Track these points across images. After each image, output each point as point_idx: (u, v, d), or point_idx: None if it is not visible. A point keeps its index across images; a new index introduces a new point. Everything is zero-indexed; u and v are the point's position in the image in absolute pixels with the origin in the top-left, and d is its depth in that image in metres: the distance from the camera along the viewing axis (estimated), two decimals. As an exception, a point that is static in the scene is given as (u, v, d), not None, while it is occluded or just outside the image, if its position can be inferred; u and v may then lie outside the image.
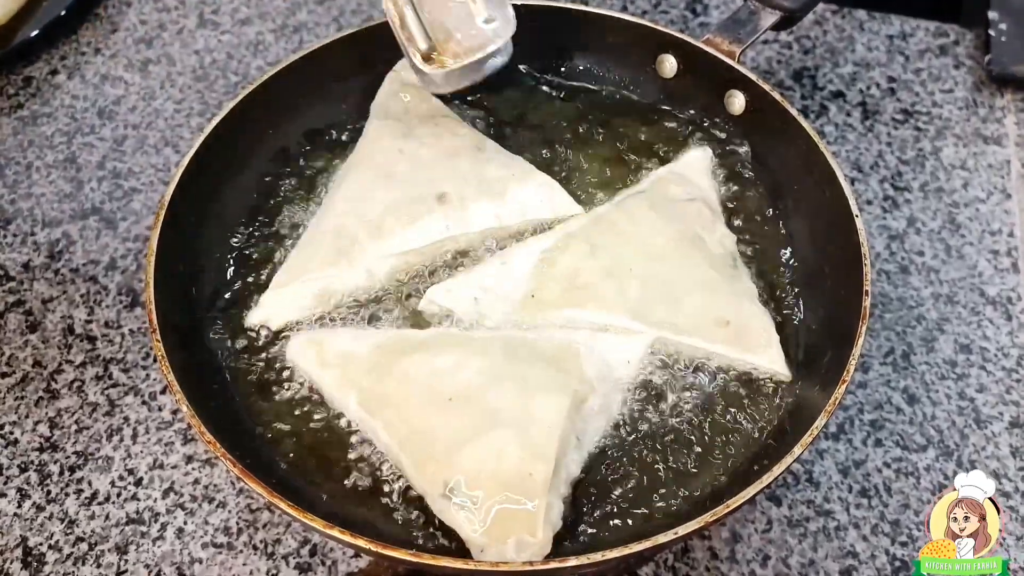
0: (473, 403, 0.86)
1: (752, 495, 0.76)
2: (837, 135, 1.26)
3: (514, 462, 0.82)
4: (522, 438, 0.83)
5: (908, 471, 0.99)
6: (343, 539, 0.73)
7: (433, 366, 0.89)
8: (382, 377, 0.89)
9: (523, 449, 0.82)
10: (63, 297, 1.10)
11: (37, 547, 0.93)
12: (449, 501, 0.82)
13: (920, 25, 1.38)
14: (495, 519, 0.80)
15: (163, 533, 0.94)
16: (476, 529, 0.80)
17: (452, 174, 1.02)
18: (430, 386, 0.87)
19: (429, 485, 0.84)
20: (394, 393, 0.88)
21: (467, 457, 0.83)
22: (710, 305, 0.95)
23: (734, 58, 1.05)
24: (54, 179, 1.21)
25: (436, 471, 0.83)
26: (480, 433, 0.84)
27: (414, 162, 1.03)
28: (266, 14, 1.39)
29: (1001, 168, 1.23)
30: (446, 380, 0.87)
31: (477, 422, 0.85)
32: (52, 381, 1.04)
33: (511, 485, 0.81)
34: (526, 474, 0.81)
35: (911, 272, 1.13)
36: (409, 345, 0.92)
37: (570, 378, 0.88)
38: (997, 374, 1.06)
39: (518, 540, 0.79)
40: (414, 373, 0.89)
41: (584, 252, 0.97)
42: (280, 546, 0.93)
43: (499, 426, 0.84)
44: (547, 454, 0.82)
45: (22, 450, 1.00)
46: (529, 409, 0.85)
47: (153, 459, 0.99)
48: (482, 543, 0.80)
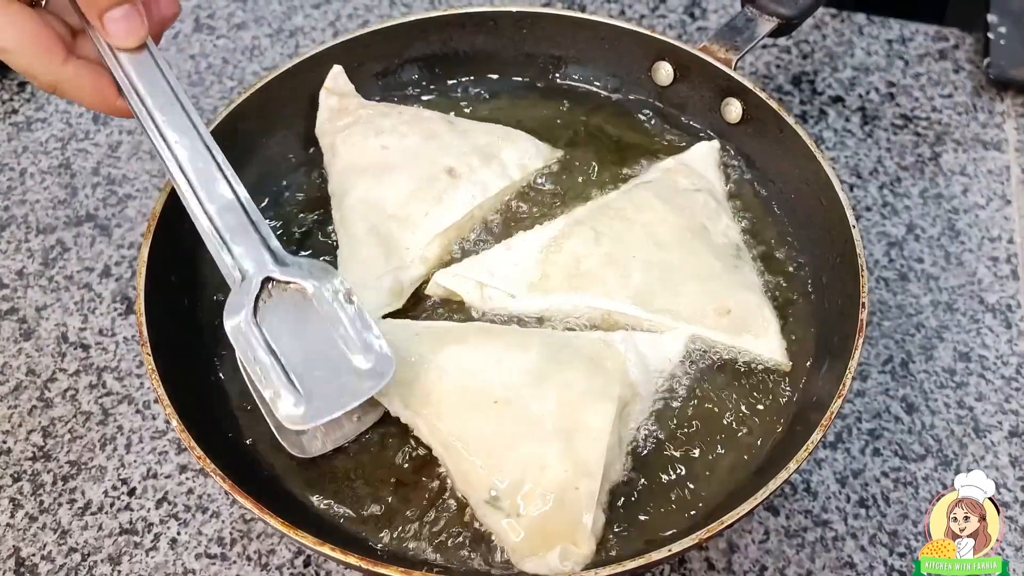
0: (517, 408, 0.84)
1: (749, 510, 0.76)
2: (836, 140, 1.25)
3: (560, 474, 0.81)
4: (568, 449, 0.82)
5: (907, 480, 0.98)
6: (333, 556, 0.72)
7: (474, 363, 0.87)
8: (422, 371, 0.88)
9: (569, 461, 0.81)
10: (57, 304, 1.10)
11: (30, 558, 0.93)
12: (493, 508, 0.82)
13: (919, 29, 1.37)
14: (539, 530, 0.80)
15: (156, 544, 0.94)
16: (519, 538, 0.80)
17: (448, 150, 1.03)
18: (472, 386, 0.86)
19: (473, 491, 0.83)
20: (435, 390, 0.87)
21: (512, 465, 0.82)
22: (711, 293, 0.95)
23: (731, 66, 1.04)
24: (48, 185, 1.20)
25: (481, 477, 0.83)
26: (524, 441, 0.83)
27: (404, 152, 1.03)
28: (262, 19, 1.38)
29: (1001, 174, 1.22)
30: (488, 380, 0.86)
31: (522, 429, 0.83)
32: (45, 389, 1.04)
33: (556, 497, 0.80)
34: (572, 487, 0.80)
35: (910, 279, 1.12)
36: (448, 337, 0.91)
37: (613, 382, 0.87)
38: (996, 383, 1.05)
39: (563, 550, 0.79)
40: (455, 369, 0.87)
41: (588, 239, 0.98)
42: (274, 557, 0.93)
43: (544, 435, 0.83)
44: (594, 469, 0.81)
45: (15, 459, 0.99)
46: (575, 418, 0.84)
47: (147, 469, 0.98)
48: (525, 552, 0.80)
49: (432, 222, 1.00)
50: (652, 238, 0.98)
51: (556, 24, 1.12)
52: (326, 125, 1.09)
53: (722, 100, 1.07)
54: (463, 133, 1.07)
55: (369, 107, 1.09)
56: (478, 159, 1.04)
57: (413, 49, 1.14)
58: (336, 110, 1.09)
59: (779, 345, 0.94)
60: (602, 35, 1.12)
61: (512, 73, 1.17)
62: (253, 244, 0.84)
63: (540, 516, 0.80)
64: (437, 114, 1.10)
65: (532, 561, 0.80)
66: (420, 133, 1.05)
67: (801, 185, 1.00)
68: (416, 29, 1.12)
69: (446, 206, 1.01)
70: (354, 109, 1.09)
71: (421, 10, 1.39)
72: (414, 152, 1.03)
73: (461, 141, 1.05)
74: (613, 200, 1.03)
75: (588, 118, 1.14)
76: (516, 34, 1.13)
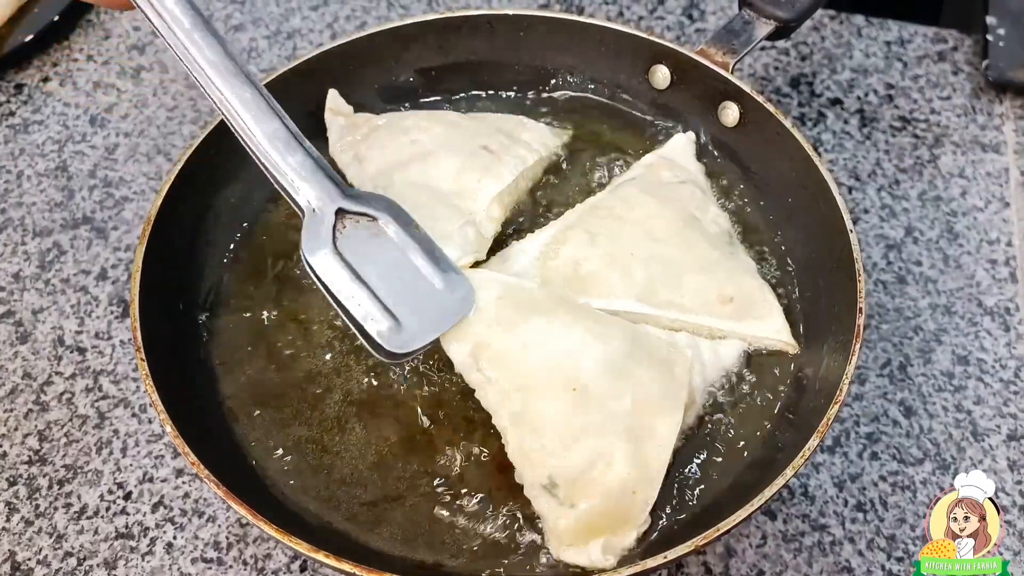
0: (594, 399, 0.84)
1: (747, 515, 0.76)
2: (835, 143, 1.25)
3: (622, 476, 0.81)
4: (634, 452, 0.82)
5: (904, 485, 0.98)
6: (327, 562, 0.72)
7: (558, 342, 0.86)
8: (504, 336, 0.86)
9: (633, 464, 0.82)
10: (53, 308, 1.10)
11: (26, 562, 0.93)
12: (548, 494, 0.82)
13: (918, 31, 1.37)
14: (588, 525, 0.81)
15: (152, 548, 0.93)
16: (566, 527, 0.81)
17: (475, 135, 1.05)
18: (554, 367, 0.85)
19: (531, 471, 0.83)
20: (515, 360, 0.86)
21: (577, 456, 0.82)
22: (713, 283, 0.96)
23: (728, 69, 1.04)
24: (45, 188, 1.20)
25: (543, 460, 0.82)
26: (595, 435, 0.83)
27: (436, 141, 1.04)
28: (259, 20, 1.38)
29: (999, 176, 1.22)
30: (572, 365, 0.85)
31: (595, 422, 0.83)
32: (41, 393, 1.03)
33: (614, 498, 0.81)
34: (630, 491, 0.81)
35: (908, 282, 1.12)
36: (535, 307, 0.89)
37: (682, 389, 0.87)
38: (995, 386, 1.05)
39: (606, 542, 0.81)
40: (536, 342, 0.86)
41: (584, 241, 0.98)
42: (270, 561, 0.93)
43: (615, 433, 0.83)
44: (654, 477, 0.83)
45: (11, 463, 0.99)
46: (645, 423, 0.84)
47: (143, 473, 0.98)
48: (568, 541, 0.81)
49: (487, 187, 1.01)
50: (647, 233, 0.98)
51: (553, 27, 1.12)
52: (341, 143, 1.09)
53: (719, 104, 1.07)
54: (480, 121, 1.09)
55: (378, 119, 1.10)
56: (505, 139, 1.06)
57: (411, 52, 1.14)
58: (346, 127, 1.09)
59: (784, 326, 0.95)
60: (599, 38, 1.11)
61: (510, 76, 1.17)
62: (319, 177, 0.84)
63: (591, 511, 0.81)
64: (450, 112, 1.11)
65: (572, 551, 0.81)
66: (442, 125, 1.07)
67: (799, 189, 1.00)
68: (414, 32, 1.12)
69: (494, 174, 1.02)
70: (363, 123, 1.09)
71: (419, 12, 1.39)
72: (446, 138, 1.04)
73: (483, 126, 1.07)
74: (602, 200, 1.03)
75: (586, 121, 1.14)
76: (514, 37, 1.12)
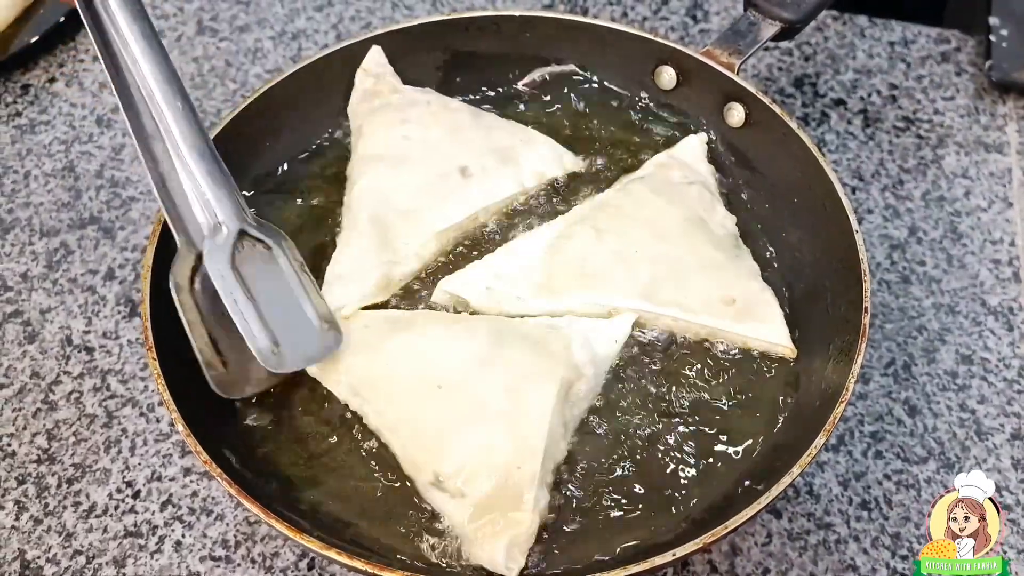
0: (462, 392, 0.87)
1: (753, 514, 0.76)
2: (838, 143, 1.25)
3: (502, 455, 0.83)
4: (511, 430, 0.84)
5: (909, 483, 0.98)
6: (339, 560, 0.73)
7: (420, 349, 0.90)
8: (371, 359, 0.90)
9: (511, 442, 0.84)
10: (61, 307, 1.10)
11: (35, 560, 0.93)
12: (438, 490, 0.84)
13: (921, 32, 1.38)
14: (483, 510, 0.82)
15: (161, 546, 0.94)
16: (463, 519, 0.82)
17: (465, 148, 1.05)
18: (419, 372, 0.88)
19: (419, 473, 0.85)
20: (382, 376, 0.89)
21: (456, 448, 0.84)
22: (716, 284, 0.97)
23: (733, 70, 1.04)
24: (52, 188, 1.20)
25: (426, 460, 0.85)
26: (469, 424, 0.85)
27: (424, 144, 1.05)
28: (265, 21, 1.39)
29: (1003, 176, 1.22)
30: (434, 366, 0.88)
31: (466, 412, 0.86)
32: (50, 392, 1.04)
33: (499, 478, 0.82)
34: (514, 467, 0.82)
35: (912, 282, 1.12)
36: (394, 324, 0.93)
37: (557, 364, 0.89)
38: (998, 385, 1.05)
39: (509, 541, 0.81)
40: (402, 356, 0.90)
41: (590, 238, 0.99)
42: (278, 559, 0.93)
43: (487, 417, 0.85)
44: (535, 448, 0.83)
45: (20, 462, 0.99)
46: (517, 399, 0.86)
47: (151, 471, 0.98)
48: (470, 533, 0.82)
49: (434, 219, 1.01)
50: (654, 232, 0.99)
51: (559, 28, 1.12)
52: (358, 106, 1.11)
53: (725, 104, 1.07)
54: (486, 130, 1.08)
55: (401, 91, 1.10)
56: (495, 160, 1.05)
57: (416, 54, 1.14)
58: (370, 91, 1.10)
59: (784, 332, 0.95)
60: (605, 39, 1.12)
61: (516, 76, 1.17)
62: (229, 195, 0.90)
63: (484, 496, 0.82)
64: (465, 106, 1.11)
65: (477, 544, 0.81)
66: (444, 126, 1.07)
67: (804, 189, 1.00)
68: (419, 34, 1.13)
69: (451, 206, 1.02)
70: (387, 93, 1.10)
71: (423, 13, 1.39)
72: (433, 146, 1.04)
73: (482, 139, 1.07)
74: (610, 198, 1.04)
75: (592, 121, 1.14)
76: (520, 38, 1.13)
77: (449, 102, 1.11)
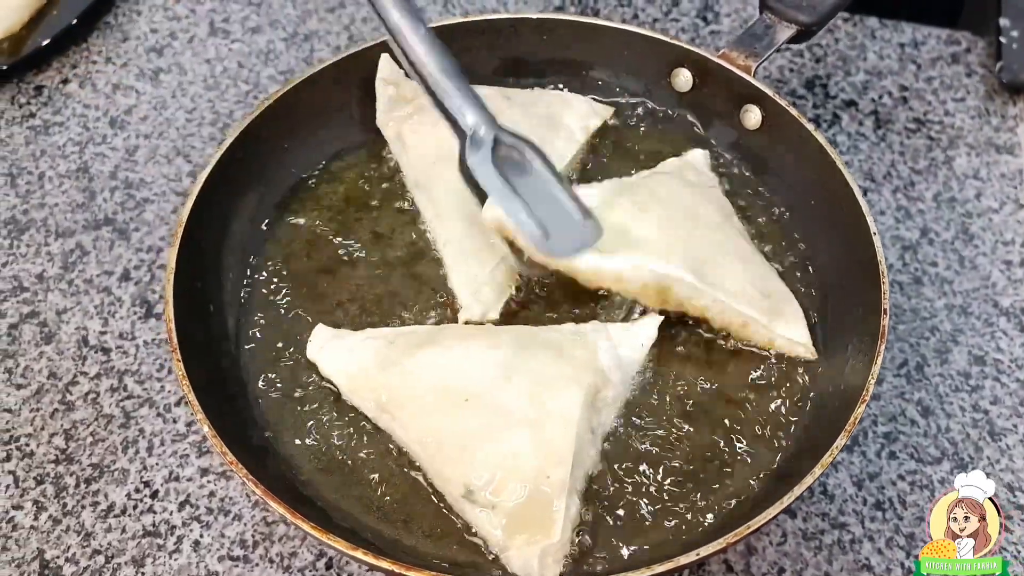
0: (488, 402, 0.86)
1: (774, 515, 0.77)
2: (849, 144, 1.26)
3: (531, 464, 0.82)
4: (538, 439, 0.84)
5: (922, 483, 0.99)
6: (366, 560, 0.73)
7: (444, 364, 0.89)
8: (397, 375, 0.90)
9: (539, 450, 0.83)
10: (77, 308, 1.10)
11: (54, 560, 0.94)
12: (469, 503, 0.83)
13: (932, 33, 1.38)
14: (514, 521, 0.81)
15: (179, 546, 0.94)
16: (496, 531, 0.82)
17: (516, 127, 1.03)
18: (445, 385, 0.88)
19: (450, 487, 0.85)
20: (409, 392, 0.89)
21: (484, 459, 0.84)
22: (753, 276, 0.97)
23: (750, 73, 1.04)
24: (67, 189, 1.21)
25: (455, 473, 0.84)
26: (496, 434, 0.84)
27: None
28: (276, 22, 1.39)
29: (1014, 178, 1.23)
30: (459, 379, 0.88)
31: (492, 422, 0.85)
32: (67, 393, 1.04)
33: (530, 487, 0.82)
34: (543, 476, 0.82)
35: (924, 283, 1.13)
36: (419, 340, 0.93)
37: (583, 370, 0.88)
38: (1011, 386, 1.06)
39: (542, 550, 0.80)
40: (427, 371, 0.89)
41: (632, 209, 0.99)
42: (296, 559, 0.94)
43: (514, 426, 0.84)
44: (563, 456, 0.83)
45: (38, 462, 1.00)
46: (544, 406, 0.85)
47: (169, 471, 0.99)
48: (503, 544, 0.82)
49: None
50: (692, 217, 0.99)
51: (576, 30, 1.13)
52: (387, 115, 1.11)
53: (741, 107, 1.08)
54: (523, 106, 1.10)
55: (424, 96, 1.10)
56: (546, 129, 1.08)
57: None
58: (395, 99, 1.11)
59: (806, 334, 0.96)
60: (622, 42, 1.12)
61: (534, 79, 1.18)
62: (479, 106, 0.95)
63: (514, 506, 0.82)
64: (494, 89, 1.11)
65: (511, 553, 0.81)
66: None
67: (820, 191, 1.01)
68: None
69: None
70: (412, 97, 1.10)
71: (435, 16, 1.39)
72: None
73: (524, 115, 1.08)
74: (640, 182, 1.04)
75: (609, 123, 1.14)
76: (535, 40, 1.13)
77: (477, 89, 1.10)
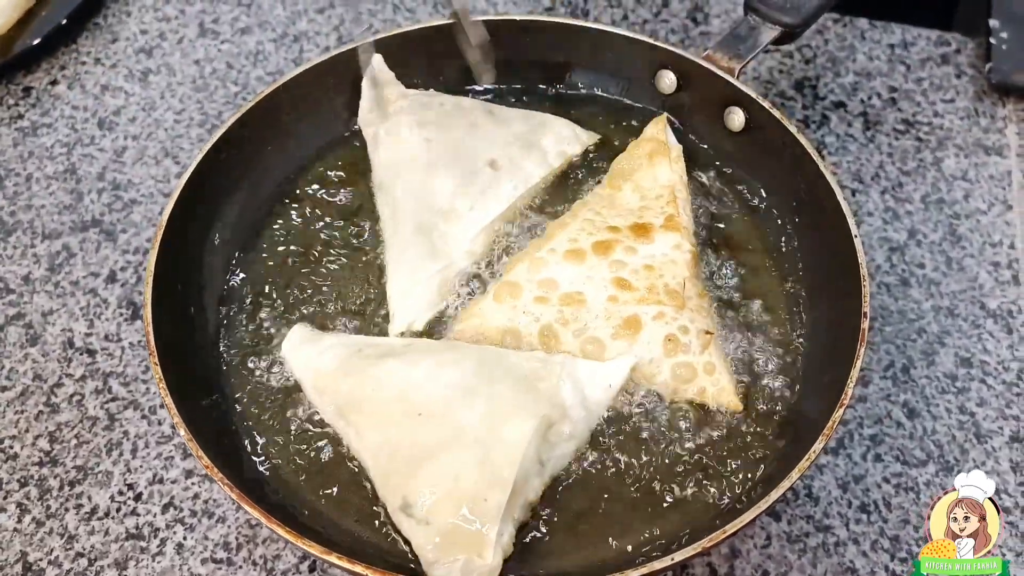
0: (441, 419, 0.86)
1: (752, 518, 0.76)
2: (838, 146, 1.25)
3: (471, 485, 0.82)
4: (482, 461, 0.83)
5: (908, 486, 0.99)
6: (339, 564, 0.73)
7: (407, 376, 0.89)
8: (358, 382, 0.91)
9: (481, 473, 0.82)
10: (63, 310, 1.10)
11: (37, 563, 0.94)
12: (405, 515, 0.83)
13: (921, 34, 1.38)
14: (447, 540, 0.81)
15: (163, 548, 0.94)
16: (428, 546, 0.81)
17: (489, 143, 1.06)
18: (402, 397, 0.88)
19: (390, 496, 0.85)
20: (367, 399, 0.89)
21: (427, 474, 0.83)
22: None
23: (733, 75, 1.04)
24: (54, 190, 1.21)
25: (397, 484, 0.84)
26: (443, 451, 0.84)
27: (447, 145, 1.06)
28: (266, 23, 1.39)
29: (1002, 179, 1.22)
30: (418, 392, 0.88)
31: (442, 439, 0.85)
32: (52, 395, 1.04)
33: (465, 508, 0.81)
34: (481, 499, 0.81)
35: (911, 284, 1.13)
36: (387, 351, 0.93)
37: (541, 401, 0.87)
38: (997, 388, 1.05)
39: (467, 561, 0.79)
40: (387, 381, 0.90)
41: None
42: (279, 562, 0.93)
43: (462, 446, 0.84)
44: (504, 480, 0.82)
45: (22, 464, 1.00)
46: (494, 431, 0.85)
47: (153, 474, 0.99)
48: (432, 559, 0.81)
49: (477, 216, 1.02)
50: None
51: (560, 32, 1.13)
52: (368, 115, 1.12)
53: (725, 109, 1.08)
54: (503, 122, 1.10)
55: (410, 96, 1.11)
56: (518, 148, 1.07)
57: (418, 57, 1.14)
58: (377, 101, 1.11)
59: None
60: (605, 44, 1.12)
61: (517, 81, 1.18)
62: None
63: (449, 525, 0.81)
64: (477, 103, 1.12)
65: (440, 568, 0.80)
66: (462, 125, 1.08)
67: (803, 193, 1.01)
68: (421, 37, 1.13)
69: (490, 200, 1.03)
70: (395, 99, 1.11)
71: (425, 15, 1.39)
72: (457, 144, 1.06)
73: (502, 131, 1.08)
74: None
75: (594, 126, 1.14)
76: (520, 42, 1.13)
77: (461, 100, 1.12)
